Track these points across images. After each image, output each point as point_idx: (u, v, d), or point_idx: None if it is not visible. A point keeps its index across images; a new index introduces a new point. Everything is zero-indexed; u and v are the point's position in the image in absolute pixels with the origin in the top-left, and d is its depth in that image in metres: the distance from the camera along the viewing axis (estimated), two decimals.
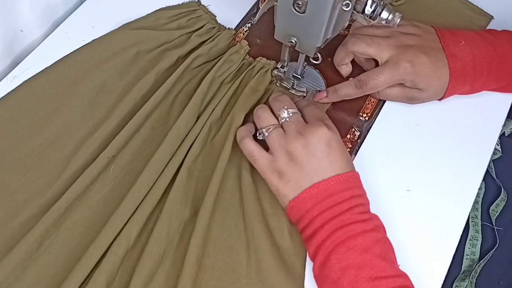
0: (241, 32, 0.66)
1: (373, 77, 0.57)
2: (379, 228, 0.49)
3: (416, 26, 0.59)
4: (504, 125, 0.62)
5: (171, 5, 0.66)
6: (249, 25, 0.67)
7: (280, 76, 0.60)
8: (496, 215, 0.67)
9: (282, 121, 0.53)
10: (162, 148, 0.54)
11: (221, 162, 0.54)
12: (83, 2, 0.67)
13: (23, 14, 0.62)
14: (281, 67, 0.59)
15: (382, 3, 0.49)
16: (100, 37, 0.63)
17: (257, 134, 0.54)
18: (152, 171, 0.53)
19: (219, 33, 0.64)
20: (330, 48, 0.64)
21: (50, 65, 0.60)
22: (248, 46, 0.63)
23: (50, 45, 0.64)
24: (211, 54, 0.62)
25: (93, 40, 0.62)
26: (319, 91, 0.62)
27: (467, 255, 0.65)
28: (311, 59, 0.57)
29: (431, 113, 0.62)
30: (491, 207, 0.67)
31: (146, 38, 0.62)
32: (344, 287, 0.45)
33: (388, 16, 0.49)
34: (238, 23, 0.67)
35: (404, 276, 0.47)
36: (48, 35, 0.64)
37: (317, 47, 0.51)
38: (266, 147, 0.53)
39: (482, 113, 0.62)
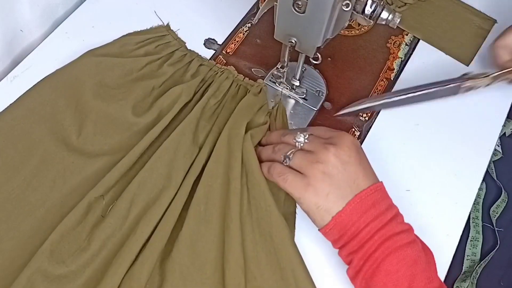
0: (241, 32, 0.66)
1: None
2: (416, 236, 0.48)
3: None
4: (504, 125, 0.62)
5: (139, 30, 0.64)
6: (249, 25, 0.67)
7: (280, 76, 0.60)
8: (496, 216, 0.67)
9: (301, 145, 0.50)
10: (163, 186, 0.52)
11: (233, 181, 0.51)
12: (83, 2, 0.67)
13: (23, 14, 0.62)
14: (281, 67, 0.59)
15: (382, 3, 0.49)
16: (64, 65, 0.60)
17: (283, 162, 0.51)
18: (155, 211, 0.51)
19: (191, 60, 0.62)
20: (330, 48, 0.64)
21: (15, 101, 0.57)
22: (235, 71, 0.62)
23: (50, 45, 0.64)
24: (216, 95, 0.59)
25: (56, 69, 0.59)
26: (319, 91, 0.62)
27: (468, 255, 0.65)
28: (311, 59, 0.57)
29: (431, 113, 0.62)
30: (492, 208, 0.67)
31: (111, 65, 0.59)
32: None
33: (388, 16, 0.49)
34: (238, 23, 0.67)
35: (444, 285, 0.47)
36: (48, 35, 0.64)
37: (317, 47, 0.51)
38: None
39: (482, 113, 0.62)
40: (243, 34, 0.66)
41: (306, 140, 0.51)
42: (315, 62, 0.58)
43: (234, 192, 0.51)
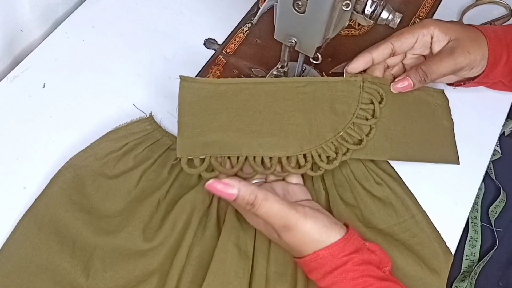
0: (241, 32, 0.66)
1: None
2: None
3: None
4: (503, 125, 0.62)
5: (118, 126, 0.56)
6: (249, 25, 0.67)
7: (280, 76, 0.60)
8: (495, 216, 0.67)
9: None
10: None
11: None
12: (83, 2, 0.67)
13: (23, 14, 0.62)
14: (281, 67, 0.59)
15: (382, 3, 0.49)
16: (42, 194, 0.52)
17: None
18: None
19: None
20: (330, 48, 0.64)
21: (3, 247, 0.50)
22: None
23: (50, 45, 0.63)
24: None
25: (35, 200, 0.52)
26: None
27: (466, 255, 0.65)
28: (311, 59, 0.57)
29: None
30: (491, 208, 0.67)
31: (104, 193, 0.53)
32: None
33: (388, 16, 0.49)
34: (238, 23, 0.67)
35: None
36: (48, 35, 0.64)
37: (317, 47, 0.51)
38: None
39: (482, 113, 0.62)
40: (243, 34, 0.66)
41: None
42: (315, 62, 0.58)
43: None
